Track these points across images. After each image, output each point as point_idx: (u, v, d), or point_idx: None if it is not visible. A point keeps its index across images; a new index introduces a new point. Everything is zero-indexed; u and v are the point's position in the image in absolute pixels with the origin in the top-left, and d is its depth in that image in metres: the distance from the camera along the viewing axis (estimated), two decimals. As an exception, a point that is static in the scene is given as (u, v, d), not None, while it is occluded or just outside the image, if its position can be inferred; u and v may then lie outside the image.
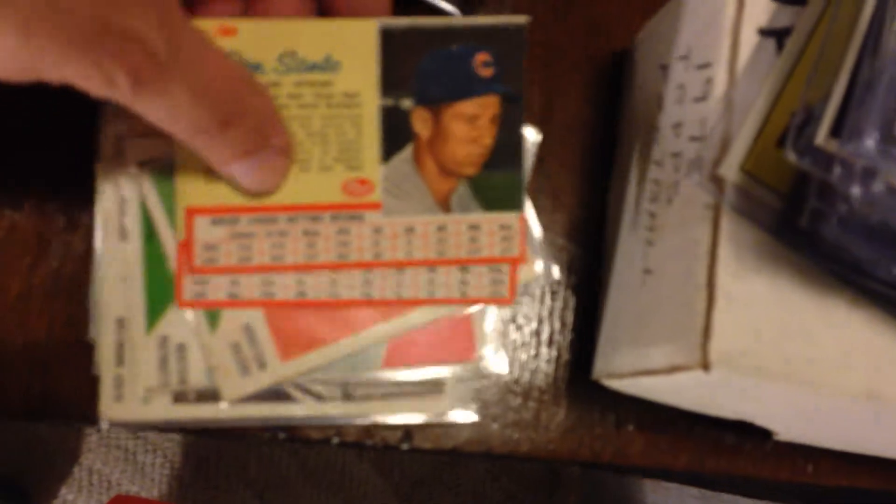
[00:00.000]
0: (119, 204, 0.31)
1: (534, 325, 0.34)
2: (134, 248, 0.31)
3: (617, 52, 0.36)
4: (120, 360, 0.31)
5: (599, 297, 0.34)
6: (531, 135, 0.34)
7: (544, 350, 0.34)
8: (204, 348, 0.31)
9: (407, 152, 0.30)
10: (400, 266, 0.31)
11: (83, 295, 0.31)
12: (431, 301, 0.31)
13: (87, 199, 0.32)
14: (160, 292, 0.31)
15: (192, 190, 0.29)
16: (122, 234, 0.31)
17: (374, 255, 0.30)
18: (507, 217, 0.31)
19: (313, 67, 0.29)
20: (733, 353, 0.24)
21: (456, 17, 0.30)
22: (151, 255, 0.31)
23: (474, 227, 0.31)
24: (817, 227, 0.23)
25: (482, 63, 0.29)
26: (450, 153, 0.30)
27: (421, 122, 0.30)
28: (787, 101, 0.25)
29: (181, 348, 0.31)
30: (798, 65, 0.25)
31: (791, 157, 0.22)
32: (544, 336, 0.34)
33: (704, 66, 0.27)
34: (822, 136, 0.22)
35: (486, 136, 0.30)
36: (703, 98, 0.26)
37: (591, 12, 0.36)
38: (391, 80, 0.29)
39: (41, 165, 0.32)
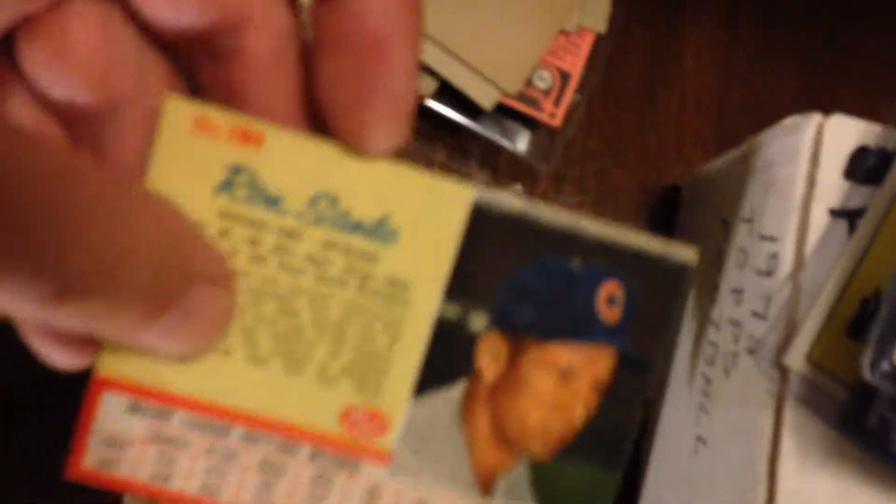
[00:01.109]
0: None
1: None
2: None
3: (668, 185, 0.35)
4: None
5: (644, 441, 0.33)
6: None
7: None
8: None
9: (455, 392, 0.20)
10: None
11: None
12: None
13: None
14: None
15: (115, 352, 0.19)
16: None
17: None
18: None
19: (357, 228, 0.19)
20: (794, 554, 0.23)
21: (589, 221, 0.20)
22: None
23: None
24: (887, 432, 0.22)
25: (609, 298, 0.20)
26: (517, 414, 0.20)
27: (490, 355, 0.20)
28: (857, 287, 0.24)
29: None
30: (871, 248, 0.24)
31: (866, 373, 0.21)
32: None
33: (770, 238, 0.26)
34: (900, 354, 0.21)
35: (579, 407, 0.20)
36: (767, 273, 0.25)
37: (644, 143, 0.36)
38: (465, 282, 0.19)
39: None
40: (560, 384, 0.20)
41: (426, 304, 0.19)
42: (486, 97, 0.30)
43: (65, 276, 0.13)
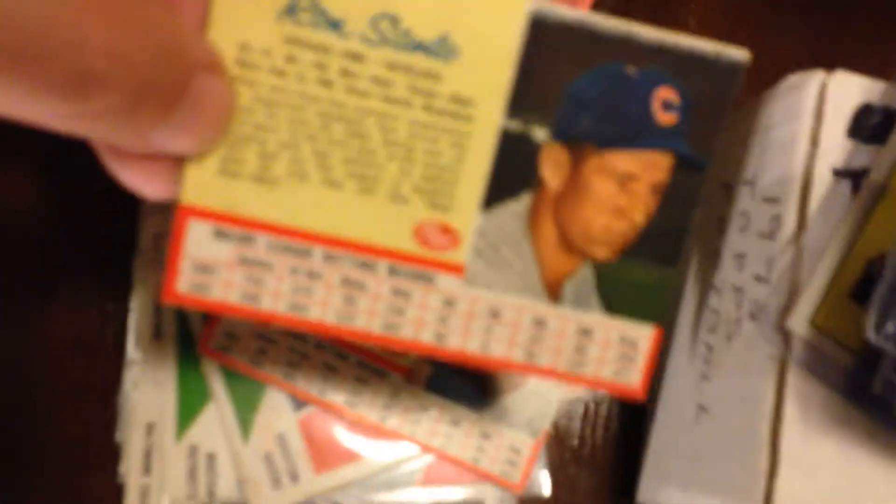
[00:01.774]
0: (155, 302, 0.30)
1: (576, 441, 0.32)
2: (168, 349, 0.30)
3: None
4: (147, 469, 0.30)
5: (646, 411, 0.32)
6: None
7: (586, 467, 0.32)
8: (235, 459, 0.30)
9: (522, 204, 0.21)
10: (468, 361, 0.22)
11: (115, 396, 0.31)
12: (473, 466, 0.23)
13: (122, 296, 0.31)
14: (193, 398, 0.30)
15: (198, 180, 0.20)
16: (157, 334, 0.30)
17: (436, 337, 0.21)
18: (635, 329, 0.21)
19: (419, 47, 0.19)
20: (796, 521, 0.22)
21: (642, 26, 0.20)
22: (185, 358, 0.30)
23: (585, 332, 0.21)
24: (891, 397, 0.21)
25: (663, 103, 0.20)
26: (581, 221, 0.21)
27: (553, 166, 0.20)
28: (861, 249, 0.23)
29: (211, 458, 0.30)
30: (875, 209, 0.24)
31: (871, 335, 0.20)
32: (586, 452, 0.32)
33: (772, 200, 0.25)
34: (906, 315, 0.20)
35: (640, 210, 0.21)
36: (769, 236, 0.25)
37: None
38: (526, 95, 0.20)
39: (78, 259, 0.32)
40: (621, 189, 0.21)
41: (490, 118, 0.20)
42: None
43: (85, 67, 0.14)
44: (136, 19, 0.16)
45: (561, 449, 0.32)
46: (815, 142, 0.24)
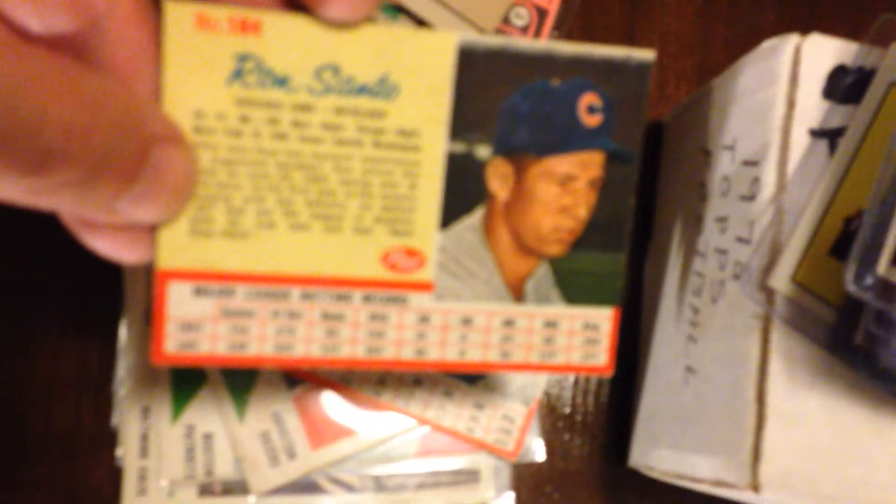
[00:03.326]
0: (146, 288, 0.31)
1: (568, 408, 0.33)
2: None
3: (652, 122, 0.35)
4: (144, 452, 0.30)
5: (636, 379, 0.33)
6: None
7: (579, 434, 0.33)
8: (232, 438, 0.30)
9: (475, 217, 0.22)
10: (448, 369, 0.23)
11: (110, 383, 0.31)
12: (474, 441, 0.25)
13: (114, 282, 0.31)
14: (187, 380, 0.30)
15: (172, 244, 0.21)
16: (149, 318, 0.30)
17: (416, 353, 0.23)
18: (596, 314, 0.23)
19: (362, 91, 0.21)
20: (785, 474, 0.23)
21: (560, 42, 0.22)
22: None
23: (551, 325, 0.23)
24: (873, 348, 0.22)
25: (588, 107, 0.22)
26: (532, 224, 0.23)
27: (499, 179, 0.22)
28: (840, 207, 0.24)
29: (208, 438, 0.30)
30: (851, 167, 0.24)
31: (850, 287, 0.21)
32: (578, 419, 0.33)
33: (752, 163, 0.26)
34: (883, 266, 0.21)
35: (582, 206, 0.23)
36: (750, 197, 0.25)
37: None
38: (465, 119, 0.21)
39: (69, 246, 0.32)
40: (562, 190, 0.23)
41: (435, 145, 0.21)
42: (462, 37, 0.29)
43: (45, 145, 0.15)
44: (92, 95, 0.16)
45: (553, 417, 0.33)
46: (791, 104, 0.25)
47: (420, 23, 0.29)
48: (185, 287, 0.21)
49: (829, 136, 0.25)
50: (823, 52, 0.25)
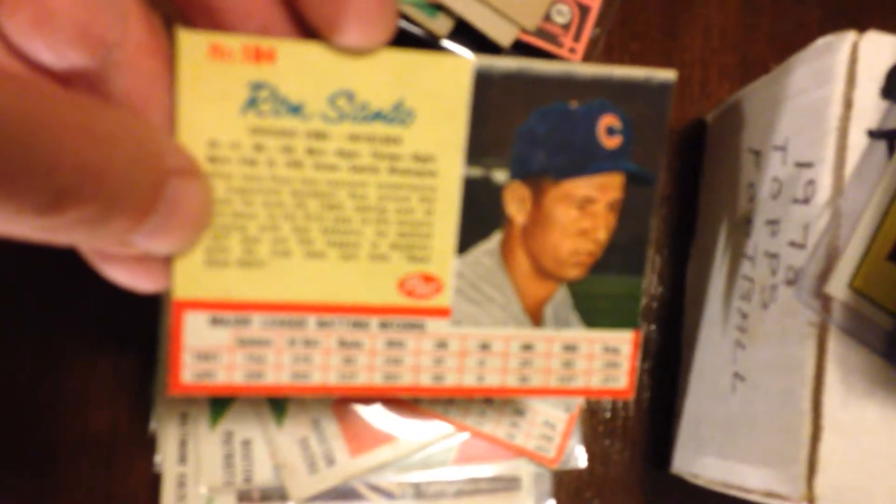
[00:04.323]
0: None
1: (609, 413, 0.32)
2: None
3: (694, 120, 0.34)
4: (183, 458, 0.30)
5: (678, 383, 0.32)
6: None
7: (620, 439, 0.32)
8: (270, 444, 0.30)
9: (493, 242, 0.22)
10: (467, 395, 0.24)
11: (147, 388, 0.31)
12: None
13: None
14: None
15: (187, 274, 0.21)
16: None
17: (434, 378, 0.23)
18: (616, 337, 0.23)
19: (377, 117, 0.20)
20: (841, 487, 0.23)
21: (577, 63, 0.22)
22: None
23: (570, 349, 0.23)
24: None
25: (607, 129, 0.22)
26: (550, 248, 0.22)
27: (517, 203, 0.22)
28: (899, 211, 0.23)
29: (246, 444, 0.30)
30: (912, 170, 0.23)
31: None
32: (619, 424, 0.32)
33: (806, 165, 0.25)
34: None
35: (602, 229, 0.22)
36: (804, 201, 0.25)
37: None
38: (482, 143, 0.21)
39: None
40: (581, 213, 0.22)
41: (452, 170, 0.21)
42: (503, 34, 0.29)
43: (59, 185, 0.15)
44: (106, 130, 0.16)
45: (594, 422, 0.32)
46: (848, 104, 0.24)
47: (460, 22, 0.29)
48: (202, 317, 0.21)
49: (888, 136, 0.24)
50: (881, 49, 0.24)
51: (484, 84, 0.21)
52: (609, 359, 0.23)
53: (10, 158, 0.14)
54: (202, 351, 0.21)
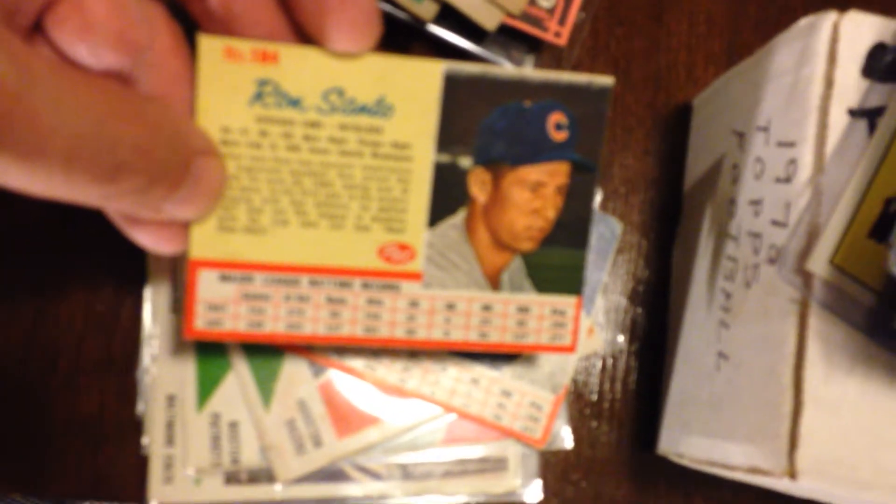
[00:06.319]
0: (171, 275, 0.30)
1: (595, 395, 0.32)
2: (185, 320, 0.30)
3: (679, 104, 0.34)
4: (170, 440, 0.30)
5: (664, 364, 0.32)
6: (614, 227, 0.33)
7: (606, 421, 0.32)
8: (257, 426, 0.30)
9: (458, 218, 0.26)
10: (434, 347, 0.27)
11: (134, 371, 0.31)
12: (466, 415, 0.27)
13: (138, 271, 0.31)
14: (213, 368, 0.30)
15: (202, 238, 0.25)
16: (175, 308, 0.30)
17: (407, 332, 0.27)
18: (562, 301, 0.27)
19: (362, 110, 0.24)
20: (822, 461, 0.23)
21: (531, 70, 0.26)
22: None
23: (523, 310, 0.27)
24: (915, 333, 0.22)
25: (556, 125, 0.26)
26: (507, 223, 0.26)
27: (479, 185, 0.26)
28: (879, 188, 0.23)
29: (233, 426, 0.30)
30: (892, 147, 0.24)
31: (893, 269, 0.20)
32: (606, 406, 0.33)
33: (787, 144, 0.25)
34: (929, 247, 0.20)
35: (550, 208, 0.26)
36: (786, 180, 0.25)
37: (653, 64, 0.35)
38: (450, 134, 0.25)
39: (93, 235, 0.31)
40: (533, 195, 0.26)
41: (425, 156, 0.25)
42: (489, 18, 0.29)
43: (118, 159, 0.19)
44: (152, 118, 0.20)
45: (580, 404, 0.32)
46: (829, 83, 0.24)
47: (445, 6, 0.29)
48: (213, 274, 0.25)
49: (868, 115, 0.24)
50: (862, 29, 0.24)
51: (453, 85, 0.25)
52: (556, 319, 0.27)
53: (86, 141, 0.18)
54: (212, 302, 0.25)
